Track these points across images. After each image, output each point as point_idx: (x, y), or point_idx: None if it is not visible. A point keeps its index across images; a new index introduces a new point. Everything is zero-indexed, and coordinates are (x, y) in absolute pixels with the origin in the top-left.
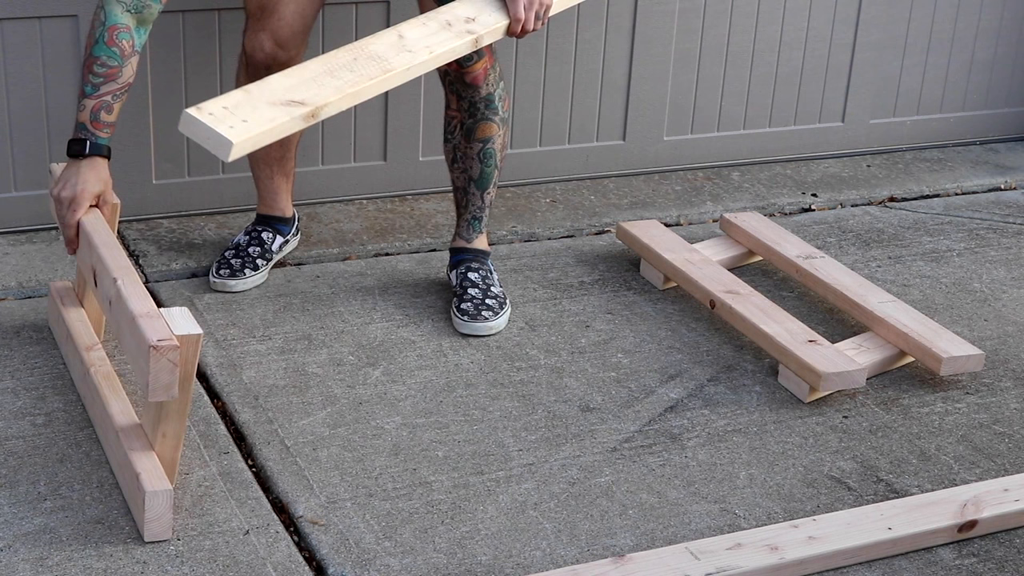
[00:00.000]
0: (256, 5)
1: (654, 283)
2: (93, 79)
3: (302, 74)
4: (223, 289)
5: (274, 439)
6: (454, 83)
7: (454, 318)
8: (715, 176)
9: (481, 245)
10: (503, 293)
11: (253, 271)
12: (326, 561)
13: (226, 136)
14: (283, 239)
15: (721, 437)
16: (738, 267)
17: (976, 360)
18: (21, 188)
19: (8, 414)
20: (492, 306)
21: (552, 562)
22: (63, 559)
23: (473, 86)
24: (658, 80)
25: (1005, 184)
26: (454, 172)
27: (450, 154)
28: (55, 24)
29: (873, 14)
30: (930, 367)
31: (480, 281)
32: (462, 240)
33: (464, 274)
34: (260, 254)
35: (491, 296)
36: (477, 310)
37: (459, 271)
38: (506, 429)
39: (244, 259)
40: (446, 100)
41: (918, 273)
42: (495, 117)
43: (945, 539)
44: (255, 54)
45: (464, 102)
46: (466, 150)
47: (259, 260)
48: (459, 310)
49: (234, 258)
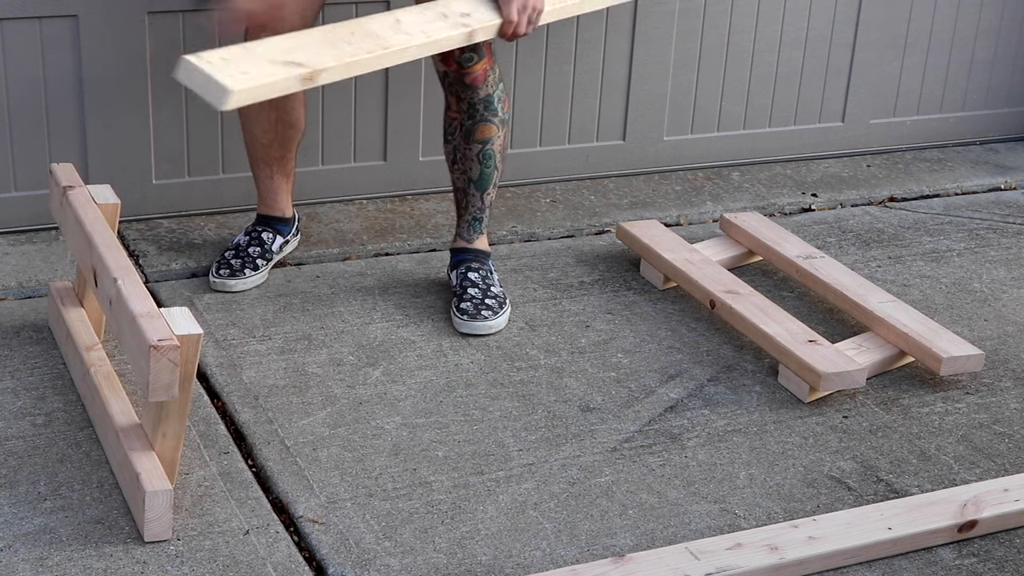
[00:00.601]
0: (258, 25)
1: (654, 283)
2: None
3: (302, 40)
4: (223, 289)
5: (274, 439)
6: (453, 84)
7: (454, 318)
8: (715, 176)
9: (481, 245)
10: (503, 293)
11: (253, 271)
12: (326, 561)
13: (225, 84)
14: (283, 239)
15: (721, 437)
16: (738, 267)
17: (976, 360)
18: (21, 188)
19: (8, 414)
20: (492, 306)
21: (552, 562)
22: (63, 559)
23: (472, 87)
24: (658, 80)
25: (1005, 184)
26: (454, 173)
27: (450, 155)
28: (55, 24)
29: (873, 14)
30: (930, 367)
31: (480, 281)
32: (462, 240)
33: (464, 274)
34: (260, 254)
35: (491, 296)
36: (477, 310)
37: (459, 271)
38: (506, 429)
39: (244, 259)
40: (446, 102)
41: (918, 273)
42: (494, 118)
43: (945, 539)
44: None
45: (463, 103)
46: (465, 151)
47: (259, 260)
48: (459, 310)
49: (234, 258)
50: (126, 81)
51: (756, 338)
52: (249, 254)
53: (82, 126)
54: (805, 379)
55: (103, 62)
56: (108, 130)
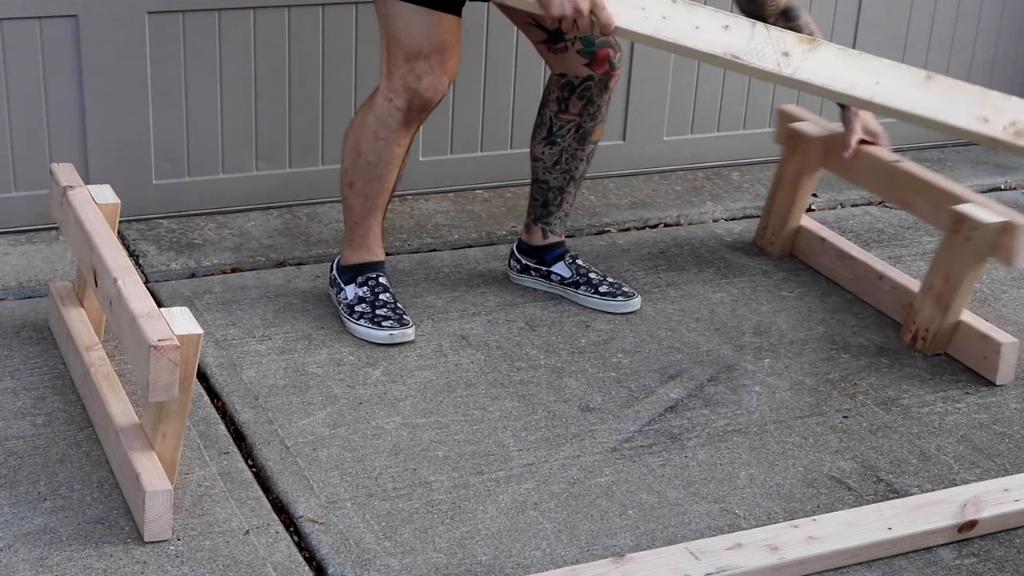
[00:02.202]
0: (434, 47)
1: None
2: None
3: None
4: (402, 340)
5: (274, 439)
6: (592, 88)
7: (599, 301)
8: (715, 176)
9: (564, 235)
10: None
11: (406, 315)
12: (326, 561)
13: None
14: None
15: (721, 437)
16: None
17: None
18: (21, 188)
19: (8, 414)
20: (621, 284)
21: (552, 562)
22: (63, 559)
23: (610, 89)
24: (658, 80)
25: (1005, 184)
26: (553, 173)
27: (553, 157)
28: (55, 24)
29: (873, 14)
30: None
31: (589, 265)
32: (554, 236)
33: (574, 262)
34: (395, 299)
35: (609, 276)
36: (620, 290)
37: (567, 262)
38: (506, 429)
39: (389, 307)
40: (562, 106)
41: (918, 273)
42: (605, 119)
43: (945, 539)
44: (436, 97)
45: (592, 106)
46: (576, 151)
47: (399, 304)
48: (600, 293)
49: (379, 309)
50: (126, 81)
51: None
52: (387, 301)
53: (82, 126)
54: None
55: (103, 62)
56: (108, 130)
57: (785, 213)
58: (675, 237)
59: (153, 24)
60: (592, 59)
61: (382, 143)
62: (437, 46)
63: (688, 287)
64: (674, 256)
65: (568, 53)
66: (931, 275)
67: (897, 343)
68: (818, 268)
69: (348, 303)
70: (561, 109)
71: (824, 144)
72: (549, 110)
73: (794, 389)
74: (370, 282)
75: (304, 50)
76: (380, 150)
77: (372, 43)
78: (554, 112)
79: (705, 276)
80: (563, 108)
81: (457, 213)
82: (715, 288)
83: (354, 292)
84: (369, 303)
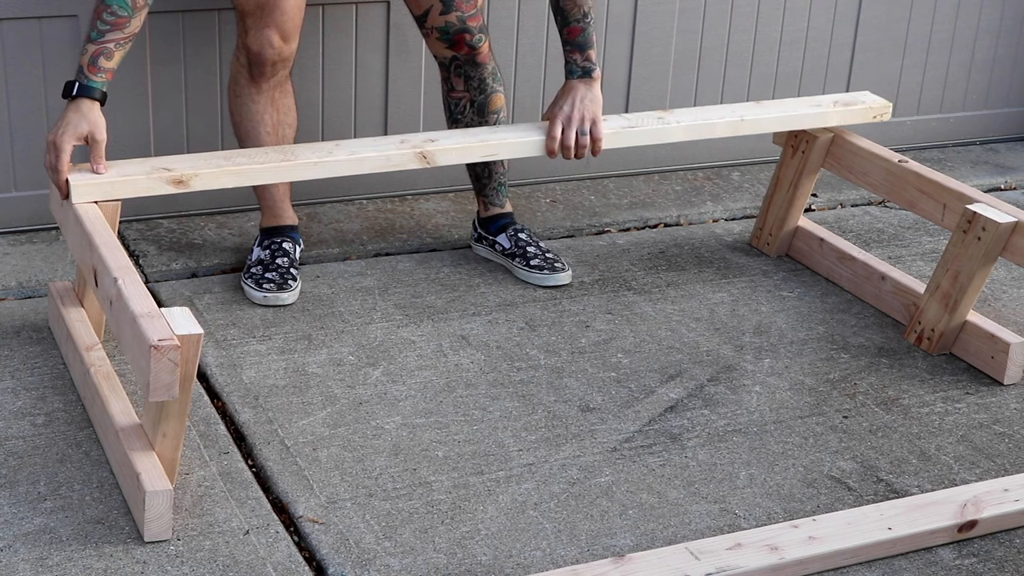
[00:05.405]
0: (255, 3)
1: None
2: (100, 26)
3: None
4: (275, 303)
5: (274, 439)
6: (463, 66)
7: (527, 274)
8: (715, 176)
9: (510, 208)
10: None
11: (293, 281)
12: (326, 561)
13: None
14: (300, 246)
15: (721, 437)
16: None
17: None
18: (21, 188)
19: (8, 414)
20: (557, 259)
21: (552, 562)
22: (63, 559)
23: (482, 64)
24: (658, 80)
25: (1005, 184)
26: None
27: None
28: (55, 24)
29: (873, 14)
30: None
31: (531, 239)
32: (495, 207)
33: (515, 235)
34: (290, 264)
35: (550, 252)
36: (550, 264)
37: (508, 234)
38: (506, 429)
39: (279, 271)
40: (448, 85)
41: (918, 273)
42: (500, 87)
43: (945, 539)
44: (264, 51)
45: (473, 81)
46: (481, 124)
47: (292, 270)
48: (530, 267)
49: (266, 272)
50: (126, 81)
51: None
52: (281, 265)
53: None
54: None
55: None
56: (108, 130)
57: (783, 214)
58: (675, 237)
59: (153, 24)
60: (451, 44)
61: (239, 100)
62: (258, 2)
63: (688, 287)
64: (674, 256)
65: (431, 39)
66: (938, 275)
67: (897, 343)
68: (816, 269)
69: (249, 263)
70: (449, 88)
71: (825, 145)
72: (443, 92)
73: (794, 389)
74: (272, 246)
75: (304, 50)
76: (240, 108)
77: (372, 43)
78: (446, 93)
79: (705, 276)
80: (450, 88)
81: (457, 213)
82: (715, 288)
83: (257, 254)
84: (264, 265)
